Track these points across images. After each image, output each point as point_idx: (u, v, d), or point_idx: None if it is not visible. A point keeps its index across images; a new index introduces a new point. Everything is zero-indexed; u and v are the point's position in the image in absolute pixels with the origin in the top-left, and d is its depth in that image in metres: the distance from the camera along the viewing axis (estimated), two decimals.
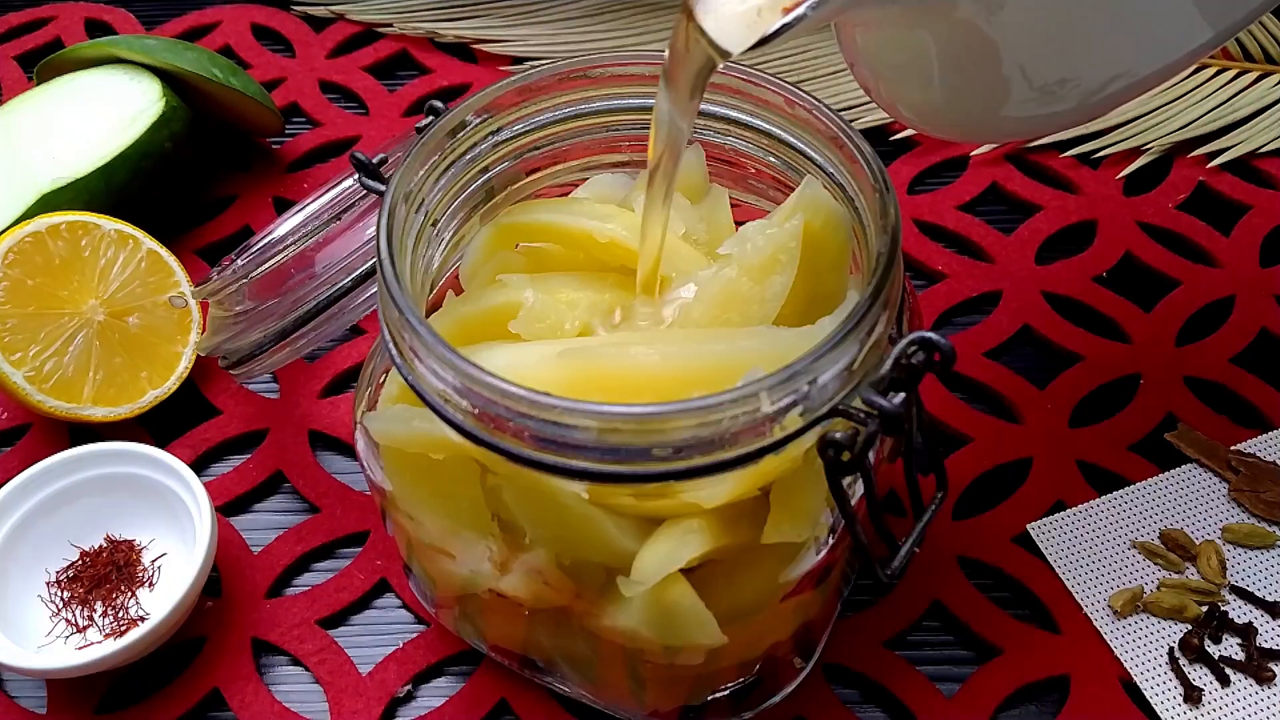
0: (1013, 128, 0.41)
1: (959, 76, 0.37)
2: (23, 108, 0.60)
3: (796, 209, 0.40)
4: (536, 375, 0.34)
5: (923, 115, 0.41)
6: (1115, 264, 0.59)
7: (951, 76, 0.37)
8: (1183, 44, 0.35)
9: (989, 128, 0.42)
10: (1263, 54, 0.66)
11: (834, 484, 0.34)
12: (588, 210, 0.43)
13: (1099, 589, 0.47)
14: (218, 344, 0.50)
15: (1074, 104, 0.37)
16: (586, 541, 0.36)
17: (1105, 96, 0.36)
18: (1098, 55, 0.35)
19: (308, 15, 0.74)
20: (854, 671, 0.46)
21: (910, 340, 0.34)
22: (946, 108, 0.39)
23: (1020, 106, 0.37)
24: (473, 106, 0.41)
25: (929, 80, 0.38)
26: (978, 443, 0.52)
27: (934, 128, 0.42)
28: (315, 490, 0.52)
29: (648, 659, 0.39)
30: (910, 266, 0.59)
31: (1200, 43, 0.35)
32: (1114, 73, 0.35)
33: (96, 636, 0.47)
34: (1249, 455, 0.50)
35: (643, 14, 0.72)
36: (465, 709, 0.45)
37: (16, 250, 0.52)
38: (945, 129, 0.43)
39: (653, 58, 0.42)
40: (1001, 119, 0.39)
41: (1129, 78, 0.36)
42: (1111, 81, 0.36)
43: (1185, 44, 0.35)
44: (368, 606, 0.49)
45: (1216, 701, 0.44)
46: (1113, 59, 0.35)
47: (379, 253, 0.36)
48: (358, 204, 0.47)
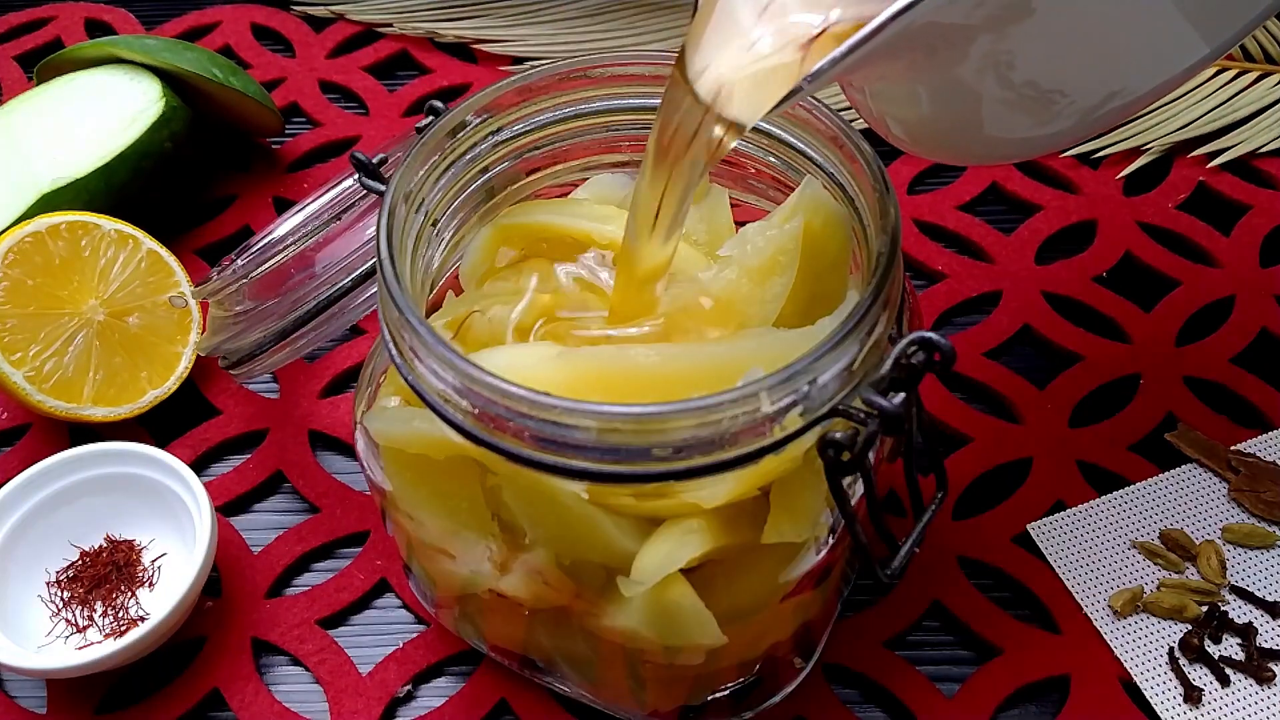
0: (1008, 150, 0.41)
1: (954, 106, 0.37)
2: (23, 108, 0.60)
3: (796, 210, 0.40)
4: (536, 375, 0.34)
5: (915, 137, 0.40)
6: (1115, 264, 0.59)
7: (948, 106, 0.37)
8: (1178, 62, 0.35)
9: (983, 151, 0.41)
10: (1263, 54, 0.66)
11: (834, 484, 0.34)
12: (587, 211, 0.43)
13: (1099, 589, 0.47)
14: (218, 344, 0.50)
15: (1070, 124, 0.36)
16: (586, 541, 0.36)
17: (1101, 115, 0.36)
18: (1096, 75, 0.35)
19: (308, 15, 0.74)
20: (854, 671, 0.46)
21: (910, 340, 0.34)
22: (940, 133, 0.39)
23: (1017, 129, 0.37)
24: (473, 106, 0.41)
25: (921, 106, 0.38)
26: (978, 443, 0.52)
27: (926, 150, 0.41)
28: (315, 490, 0.52)
29: (648, 659, 0.39)
30: (910, 266, 0.59)
31: (1195, 60, 0.35)
32: (1110, 90, 0.35)
33: (96, 636, 0.47)
34: (1249, 455, 0.50)
35: (643, 14, 0.72)
36: (465, 709, 0.45)
37: (16, 250, 0.52)
38: (938, 152, 0.42)
39: (653, 58, 0.42)
40: (998, 141, 0.38)
41: (1125, 96, 0.35)
42: (1108, 100, 0.35)
43: (1181, 61, 0.35)
44: (368, 606, 0.49)
45: (1216, 701, 0.44)
46: (1109, 78, 0.35)
47: (379, 253, 0.36)
48: (358, 204, 0.47)
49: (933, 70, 0.34)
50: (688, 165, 0.36)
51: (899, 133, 0.38)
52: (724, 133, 0.35)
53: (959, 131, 0.38)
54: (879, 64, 0.33)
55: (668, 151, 0.36)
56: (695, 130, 0.35)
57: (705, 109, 0.35)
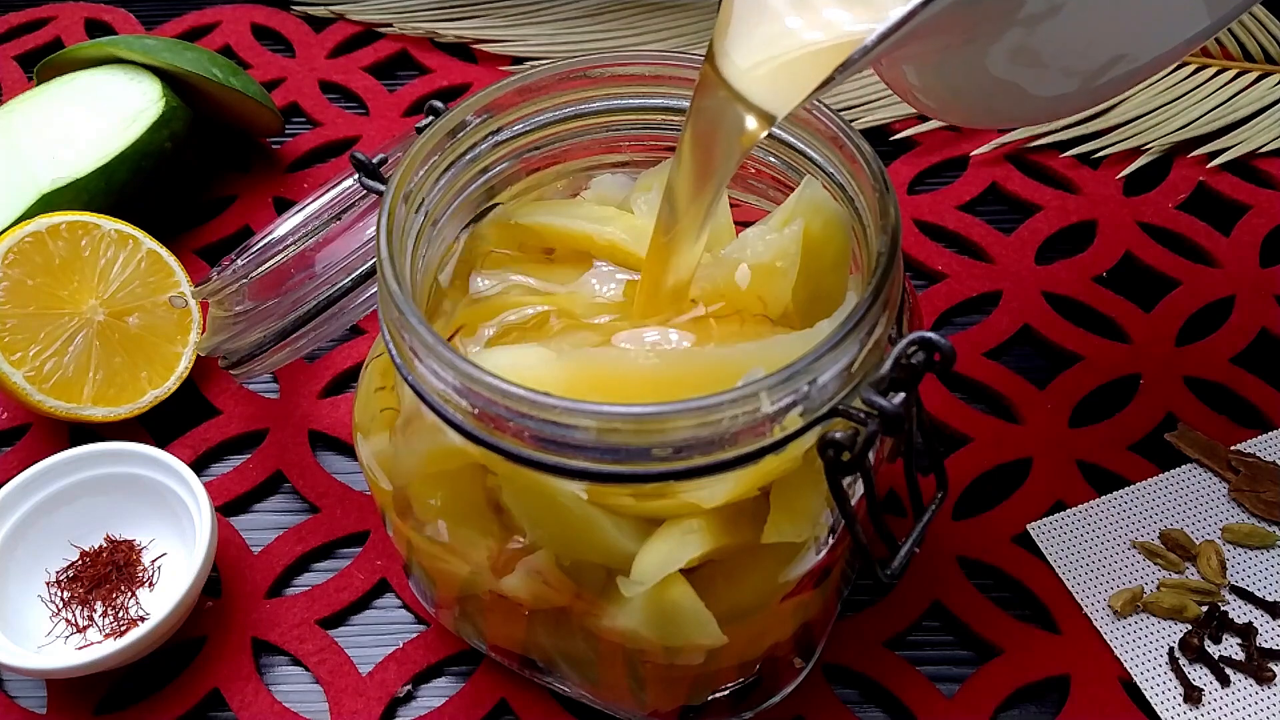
0: (1024, 114, 0.42)
1: (979, 76, 0.37)
2: (23, 108, 0.60)
3: (796, 212, 0.40)
4: (536, 375, 0.34)
5: (944, 106, 0.40)
6: (1115, 264, 0.59)
7: (972, 77, 0.37)
8: (1184, 30, 0.35)
9: (1009, 114, 0.42)
10: (1263, 54, 0.66)
11: (834, 484, 0.34)
12: (587, 213, 0.43)
13: (1099, 589, 0.47)
14: (218, 344, 0.50)
15: (1075, 88, 0.37)
16: (586, 542, 0.36)
17: (1105, 82, 0.37)
18: (1106, 40, 0.35)
19: (308, 15, 0.74)
20: (854, 671, 0.46)
21: (910, 340, 0.34)
22: (967, 101, 0.39)
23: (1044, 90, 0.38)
24: (473, 106, 0.41)
25: (949, 79, 0.38)
26: (978, 443, 0.52)
27: (954, 117, 0.42)
28: (315, 490, 0.52)
29: (648, 659, 0.39)
30: (910, 266, 0.59)
31: (1200, 28, 0.35)
32: (1117, 54, 0.36)
33: (96, 636, 0.47)
34: (1249, 455, 0.50)
35: (643, 14, 0.72)
36: (465, 709, 0.45)
37: (16, 250, 0.52)
38: (960, 116, 0.43)
39: (653, 58, 0.42)
40: (1019, 106, 0.39)
41: (1131, 62, 0.36)
42: (1113, 65, 0.36)
43: (1186, 30, 0.35)
44: (368, 606, 0.49)
45: (1216, 701, 0.44)
46: (1118, 43, 0.35)
47: (379, 253, 0.36)
48: (358, 204, 0.47)
49: (960, 49, 0.35)
50: (721, 157, 0.36)
51: (927, 101, 0.39)
52: (756, 123, 0.35)
53: (986, 99, 0.38)
54: (910, 46, 0.34)
55: (700, 144, 0.36)
56: (727, 122, 0.35)
57: (736, 100, 0.35)
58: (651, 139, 0.44)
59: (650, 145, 0.44)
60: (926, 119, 0.65)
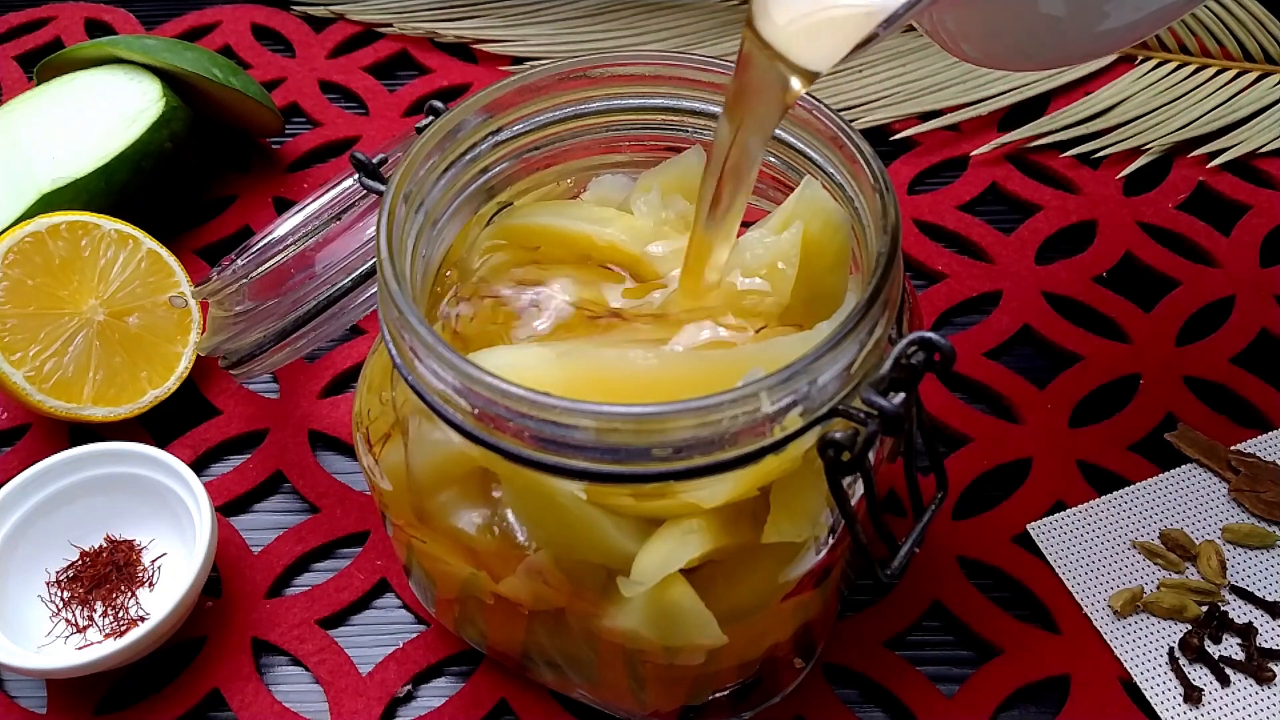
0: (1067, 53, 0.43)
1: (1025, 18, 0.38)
2: (23, 108, 0.60)
3: (795, 214, 0.40)
4: (536, 376, 0.34)
5: (989, 53, 0.41)
6: (1115, 264, 0.59)
7: (1018, 19, 0.38)
8: None
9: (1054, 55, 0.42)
10: (1263, 54, 0.66)
11: (834, 484, 0.34)
12: (586, 214, 0.43)
13: (1099, 589, 0.47)
14: (218, 344, 0.50)
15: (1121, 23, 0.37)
16: (586, 542, 0.36)
17: (1145, 15, 0.38)
18: None
19: (308, 15, 0.74)
20: (854, 671, 0.46)
21: (910, 340, 0.34)
22: (998, 35, 0.39)
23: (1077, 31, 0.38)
24: (473, 106, 0.41)
25: (984, 10, 0.38)
26: (978, 443, 0.52)
27: (984, 55, 0.42)
28: (315, 490, 0.52)
29: (648, 659, 0.39)
30: (910, 266, 0.59)
31: None
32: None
33: (96, 636, 0.47)
34: (1249, 455, 0.50)
35: (643, 14, 0.72)
36: (465, 709, 0.45)
37: (16, 250, 0.52)
38: (992, 57, 0.43)
39: (653, 58, 0.42)
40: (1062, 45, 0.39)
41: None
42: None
43: None
44: (368, 606, 0.49)
45: (1216, 701, 0.44)
46: None
47: (379, 253, 0.36)
48: (358, 204, 0.47)
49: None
50: (759, 117, 0.36)
51: (964, 47, 0.39)
52: (798, 82, 0.35)
53: (1026, 37, 0.39)
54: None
55: (738, 103, 0.36)
56: (767, 81, 0.35)
57: (777, 58, 0.34)
58: (651, 139, 0.44)
59: (650, 145, 0.44)
60: (927, 119, 0.65)
